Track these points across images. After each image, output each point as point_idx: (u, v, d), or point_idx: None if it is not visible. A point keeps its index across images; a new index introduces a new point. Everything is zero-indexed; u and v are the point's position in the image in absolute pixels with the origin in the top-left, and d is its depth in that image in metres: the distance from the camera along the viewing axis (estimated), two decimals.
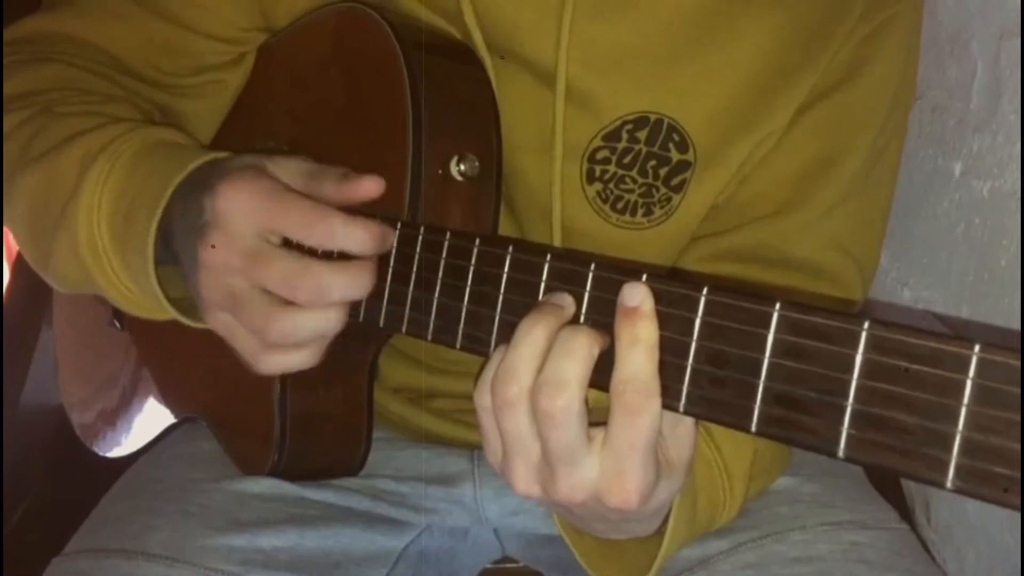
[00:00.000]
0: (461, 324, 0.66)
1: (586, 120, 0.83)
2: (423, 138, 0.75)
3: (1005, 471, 0.41)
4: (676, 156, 0.83)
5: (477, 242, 0.65)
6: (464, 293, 0.65)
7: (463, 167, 0.77)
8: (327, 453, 0.89)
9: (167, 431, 1.02)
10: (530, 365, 0.56)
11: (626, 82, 0.82)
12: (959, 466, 0.43)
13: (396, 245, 0.71)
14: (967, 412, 0.42)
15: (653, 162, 0.83)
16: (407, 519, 0.96)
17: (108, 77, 0.87)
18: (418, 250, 0.70)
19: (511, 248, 0.63)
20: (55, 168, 0.76)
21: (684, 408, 0.54)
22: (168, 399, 1.03)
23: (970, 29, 0.98)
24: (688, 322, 0.53)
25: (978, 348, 0.42)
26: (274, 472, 0.87)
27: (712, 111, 0.82)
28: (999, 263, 0.94)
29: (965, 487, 0.42)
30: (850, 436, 0.46)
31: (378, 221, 0.68)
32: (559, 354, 0.55)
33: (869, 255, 0.88)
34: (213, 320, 0.71)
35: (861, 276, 0.86)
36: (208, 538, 0.84)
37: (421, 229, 0.70)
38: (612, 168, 0.83)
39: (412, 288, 0.70)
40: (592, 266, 0.58)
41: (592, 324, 0.57)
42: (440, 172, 0.76)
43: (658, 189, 0.84)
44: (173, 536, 0.84)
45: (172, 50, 0.90)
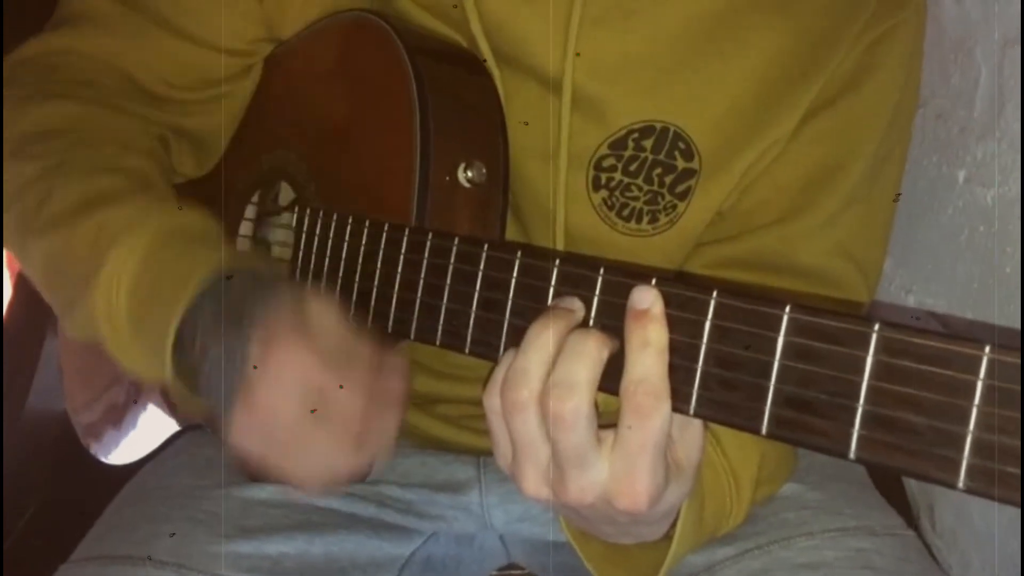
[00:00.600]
0: (470, 329, 0.66)
1: (592, 128, 0.83)
2: (431, 145, 0.76)
3: (1016, 471, 0.42)
4: (682, 164, 0.83)
5: (485, 247, 0.65)
6: (473, 298, 0.66)
7: (470, 174, 0.77)
8: None
9: (172, 438, 1.02)
10: (540, 368, 0.56)
11: (632, 90, 0.82)
12: (970, 466, 0.43)
13: (404, 251, 0.71)
14: (978, 412, 0.43)
15: (659, 170, 0.83)
16: (413, 526, 0.96)
17: (121, 110, 0.86)
18: (426, 256, 0.70)
19: (519, 253, 0.63)
20: (69, 241, 0.75)
21: (694, 411, 0.54)
22: (174, 406, 1.03)
23: (974, 37, 0.99)
24: (698, 325, 0.53)
25: (988, 349, 0.43)
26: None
27: (718, 119, 0.83)
28: (1003, 270, 0.94)
29: (976, 487, 0.43)
30: (861, 437, 0.46)
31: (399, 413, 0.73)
32: (569, 357, 0.55)
33: (873, 261, 0.88)
34: (238, 448, 0.71)
35: (866, 282, 0.86)
36: (215, 545, 0.84)
37: (429, 235, 0.70)
38: (618, 176, 0.84)
39: (420, 294, 0.70)
40: (601, 270, 0.58)
41: (601, 328, 0.57)
42: (447, 179, 0.77)
43: (663, 197, 0.84)
44: (180, 543, 0.84)
45: (180, 64, 0.89)
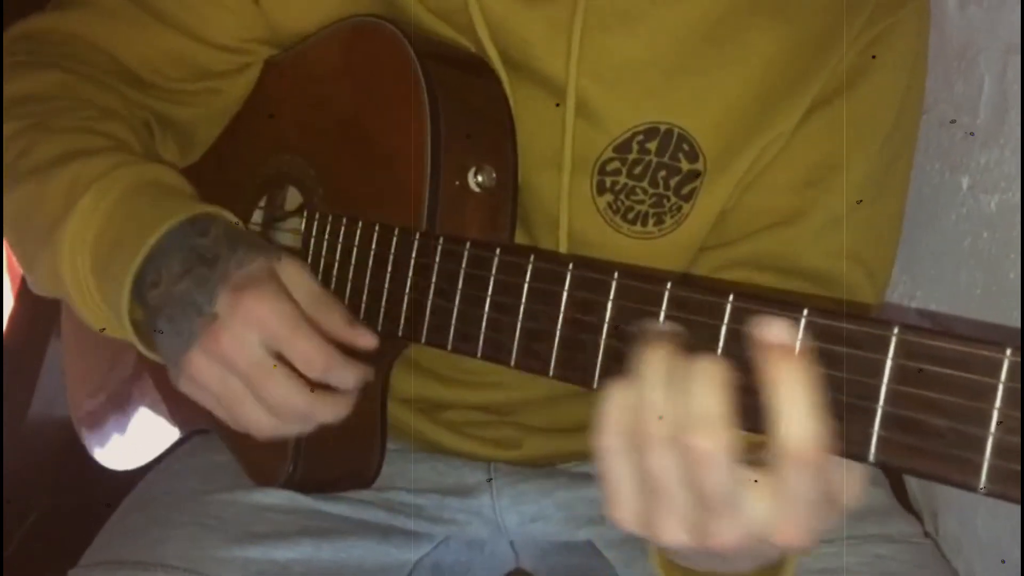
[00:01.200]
0: (482, 332, 0.66)
1: (596, 132, 0.84)
2: (442, 150, 0.76)
3: None
4: (686, 166, 0.83)
5: (498, 251, 0.65)
6: (485, 302, 0.66)
7: (480, 178, 0.78)
8: (341, 464, 0.89)
9: (178, 443, 1.02)
10: (667, 398, 0.52)
11: (635, 93, 0.83)
12: (992, 468, 0.43)
13: (415, 256, 0.72)
14: (999, 414, 0.43)
15: (663, 172, 0.84)
16: (425, 530, 0.96)
17: (107, 87, 0.88)
18: (437, 260, 0.70)
19: (532, 257, 0.64)
20: (43, 189, 0.78)
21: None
22: (179, 412, 1.03)
23: (977, 44, 0.99)
24: (715, 330, 0.53)
25: (1010, 352, 0.43)
26: (289, 483, 0.87)
27: (721, 119, 0.83)
28: (1007, 276, 0.94)
29: (998, 490, 0.43)
30: (881, 440, 0.47)
31: (364, 365, 0.75)
32: (702, 388, 0.51)
33: (881, 265, 0.89)
34: (189, 390, 0.74)
35: (874, 286, 0.86)
36: (224, 550, 0.84)
37: (440, 240, 0.70)
38: (623, 179, 0.84)
39: (432, 297, 0.70)
40: (615, 274, 0.58)
41: (618, 334, 0.57)
42: (458, 183, 0.77)
43: (668, 199, 0.84)
44: (189, 547, 0.84)
45: (174, 56, 0.91)
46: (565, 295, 0.61)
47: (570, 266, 0.61)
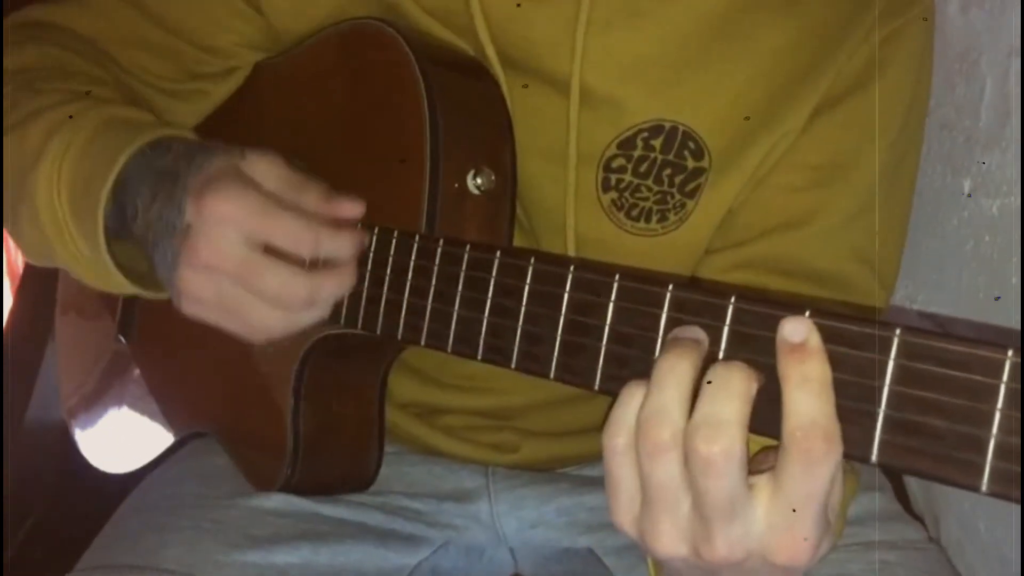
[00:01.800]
0: (482, 336, 0.66)
1: (601, 129, 0.83)
2: (441, 153, 0.76)
3: None
4: (691, 163, 0.83)
5: (498, 254, 0.65)
6: (485, 305, 0.66)
7: (479, 181, 0.77)
8: (339, 467, 0.89)
9: (176, 446, 1.02)
10: (681, 406, 0.51)
11: (640, 90, 0.83)
12: (994, 469, 0.43)
13: (415, 258, 0.71)
14: (1001, 416, 0.43)
15: (668, 170, 0.83)
16: (422, 535, 0.96)
17: (99, 63, 0.90)
18: (437, 263, 0.70)
19: (532, 259, 0.63)
20: (21, 140, 0.79)
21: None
22: (176, 415, 1.03)
23: (979, 47, 0.99)
24: (717, 331, 0.53)
25: (1011, 353, 0.43)
26: (287, 487, 0.87)
27: (726, 117, 0.83)
28: (1009, 280, 0.94)
29: (1000, 490, 0.43)
30: (883, 442, 0.46)
31: (356, 228, 0.74)
32: (716, 393, 0.50)
33: (889, 267, 0.88)
34: (193, 310, 0.74)
35: (882, 288, 0.86)
36: (222, 554, 0.84)
37: (440, 242, 0.70)
38: (628, 177, 0.84)
39: (432, 300, 0.70)
40: (616, 276, 0.58)
41: (618, 337, 0.57)
42: (457, 186, 0.77)
43: (673, 196, 0.84)
44: (187, 552, 0.84)
45: (166, 57, 0.92)
46: (566, 297, 0.61)
47: (571, 268, 0.60)
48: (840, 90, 0.82)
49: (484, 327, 0.65)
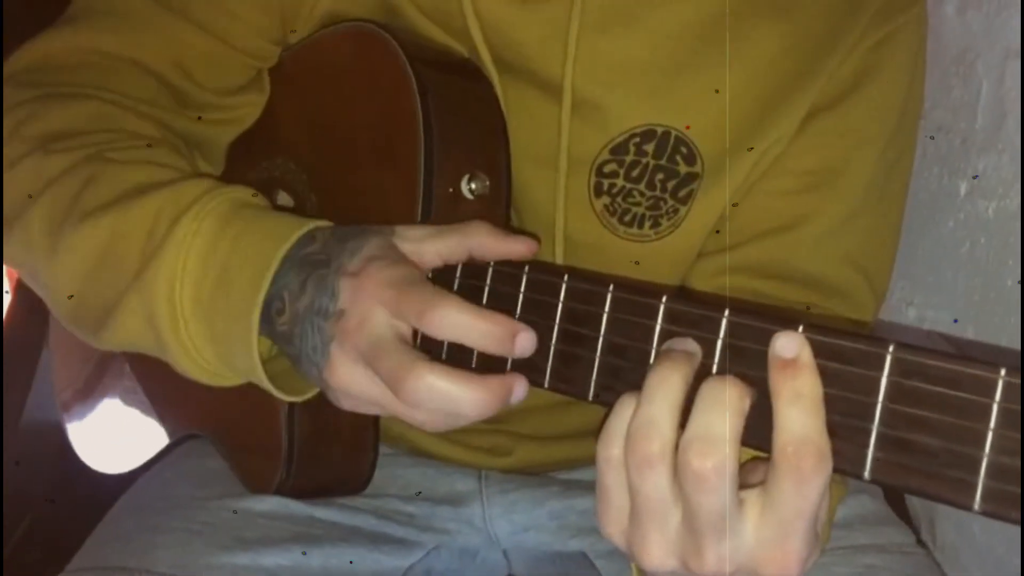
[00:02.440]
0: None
1: (593, 133, 0.83)
2: (435, 157, 0.75)
3: None
4: (684, 168, 0.83)
5: (492, 262, 0.65)
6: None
7: (474, 185, 0.77)
8: (334, 470, 0.89)
9: (170, 447, 1.02)
10: (671, 419, 0.51)
11: (632, 95, 0.82)
12: (986, 488, 0.43)
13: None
14: (994, 435, 0.43)
15: (661, 175, 0.83)
16: (415, 538, 0.96)
17: (144, 115, 0.82)
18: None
19: (527, 268, 0.63)
20: (122, 225, 0.70)
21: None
22: (171, 416, 1.02)
23: (975, 49, 0.99)
24: (710, 344, 0.53)
25: (1004, 372, 0.43)
26: (281, 490, 0.86)
27: (719, 122, 0.83)
28: (1005, 282, 0.94)
29: (993, 510, 0.43)
30: (876, 459, 0.46)
31: (508, 319, 0.61)
32: (707, 408, 0.50)
33: (881, 272, 0.88)
34: (352, 406, 0.66)
35: (873, 293, 0.86)
36: (212, 556, 0.84)
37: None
38: (620, 181, 0.84)
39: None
40: (611, 287, 0.58)
41: (612, 348, 0.57)
42: (451, 190, 0.76)
43: (665, 201, 0.84)
44: (177, 553, 0.83)
45: (207, 63, 0.86)
46: (560, 307, 0.60)
47: (565, 278, 0.60)
48: (832, 95, 0.82)
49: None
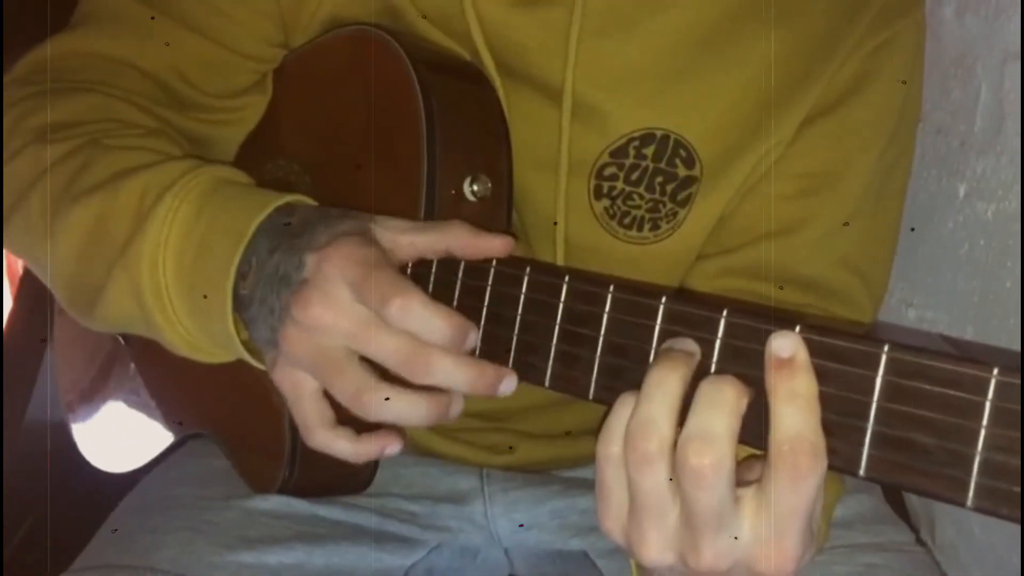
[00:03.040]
0: (478, 344, 0.66)
1: (593, 137, 0.84)
2: (438, 159, 0.76)
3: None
4: (683, 172, 0.84)
5: (494, 262, 0.66)
6: (481, 313, 0.66)
7: (476, 188, 0.78)
8: (336, 469, 0.89)
9: (174, 447, 1.02)
10: (669, 417, 0.52)
11: (632, 99, 0.83)
12: (979, 486, 0.43)
13: (411, 265, 0.71)
14: (986, 433, 0.43)
15: (660, 178, 0.84)
16: (417, 537, 0.96)
17: (144, 108, 0.84)
18: (433, 270, 0.70)
19: (528, 269, 0.64)
20: (111, 203, 0.72)
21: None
22: (174, 416, 1.03)
23: (974, 52, 0.99)
24: (709, 344, 0.53)
25: (997, 371, 0.43)
26: (284, 489, 0.87)
27: (718, 126, 0.83)
28: (1004, 284, 0.94)
29: (985, 506, 0.43)
30: (871, 457, 0.47)
31: (464, 318, 0.63)
32: (706, 406, 0.51)
33: (879, 275, 0.89)
34: (283, 375, 0.67)
35: (871, 297, 0.87)
36: (216, 555, 0.84)
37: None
38: (619, 184, 0.84)
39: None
40: (611, 287, 0.58)
41: (612, 348, 0.57)
42: (453, 193, 0.77)
43: (665, 204, 0.85)
44: (181, 553, 0.84)
45: (207, 68, 0.87)
46: (561, 307, 0.61)
47: (566, 278, 0.61)
48: (831, 100, 0.83)
49: (480, 336, 0.66)
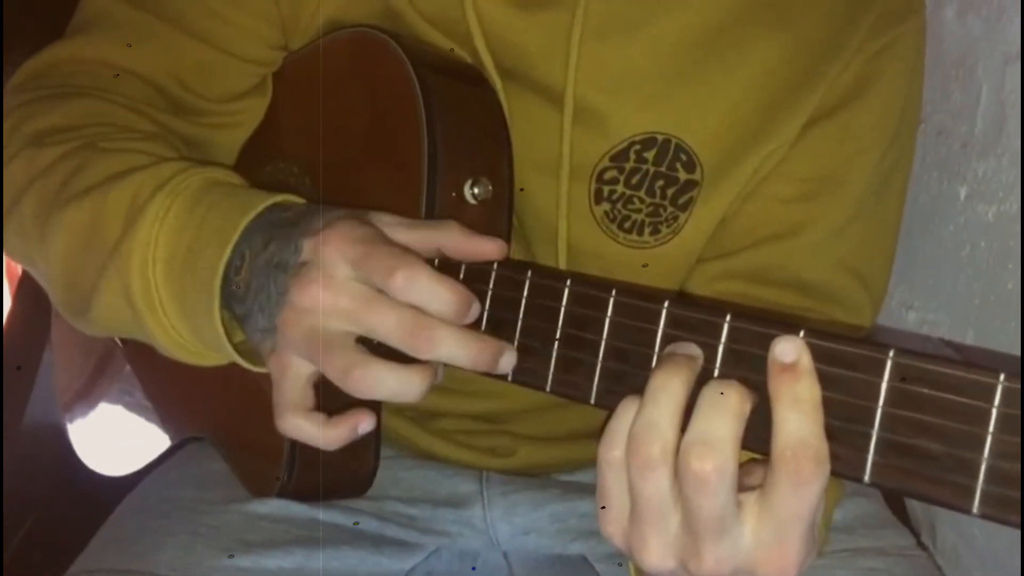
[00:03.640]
0: None
1: (594, 141, 0.83)
2: (438, 162, 0.76)
3: None
4: (684, 176, 0.83)
5: (495, 266, 0.65)
6: (482, 318, 0.66)
7: (477, 190, 0.77)
8: (335, 472, 0.89)
9: (172, 450, 1.02)
10: (672, 422, 0.52)
11: (633, 102, 0.83)
12: (985, 493, 0.43)
13: None
14: (993, 439, 0.43)
15: (661, 182, 0.84)
16: (416, 541, 0.96)
17: (142, 113, 0.84)
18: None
19: (530, 272, 0.63)
20: (103, 205, 0.72)
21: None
22: (173, 419, 1.03)
23: (975, 54, 0.99)
24: (712, 349, 0.53)
25: (1003, 377, 0.43)
26: (283, 492, 0.87)
27: (719, 129, 0.83)
28: (1005, 286, 0.94)
29: (991, 513, 0.43)
30: (876, 463, 0.47)
31: (466, 290, 0.63)
32: (709, 411, 0.51)
33: (878, 278, 0.89)
34: (276, 359, 0.66)
35: (870, 300, 0.86)
36: (215, 559, 0.84)
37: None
38: (620, 188, 0.84)
39: None
40: (613, 291, 0.58)
41: (614, 352, 0.57)
42: (454, 195, 0.77)
43: (665, 208, 0.84)
44: (180, 556, 0.84)
45: (206, 72, 0.87)
46: (563, 311, 0.61)
47: (568, 282, 0.61)
48: (832, 103, 0.83)
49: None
